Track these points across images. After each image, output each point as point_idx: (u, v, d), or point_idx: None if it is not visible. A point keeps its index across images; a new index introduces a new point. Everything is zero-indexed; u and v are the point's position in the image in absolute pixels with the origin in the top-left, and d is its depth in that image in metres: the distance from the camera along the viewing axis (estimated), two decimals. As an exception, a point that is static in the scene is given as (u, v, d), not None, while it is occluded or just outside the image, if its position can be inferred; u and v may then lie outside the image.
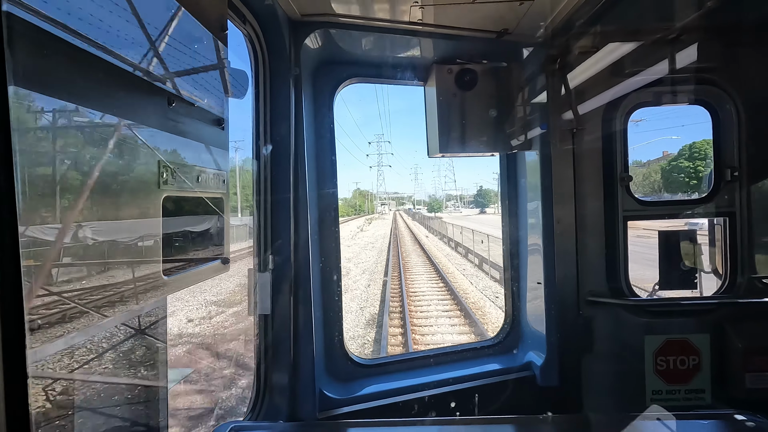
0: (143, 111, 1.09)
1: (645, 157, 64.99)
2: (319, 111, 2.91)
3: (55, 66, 0.85)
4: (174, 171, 1.15)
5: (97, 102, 0.95)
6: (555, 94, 2.93)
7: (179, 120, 1.21)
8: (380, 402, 2.78)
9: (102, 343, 1.00)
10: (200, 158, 1.33)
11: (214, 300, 15.95)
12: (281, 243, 2.52)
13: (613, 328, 3.03)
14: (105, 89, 0.97)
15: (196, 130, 1.32)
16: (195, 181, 1.27)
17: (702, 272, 3.17)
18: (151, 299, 1.08)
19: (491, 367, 3.12)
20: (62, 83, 0.87)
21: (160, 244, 1.10)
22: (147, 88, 1.11)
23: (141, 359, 1.14)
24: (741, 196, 3.03)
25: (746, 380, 2.84)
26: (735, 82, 2.98)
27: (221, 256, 1.44)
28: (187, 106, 1.26)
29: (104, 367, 1.02)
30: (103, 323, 0.96)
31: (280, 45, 2.44)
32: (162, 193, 1.11)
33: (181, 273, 1.21)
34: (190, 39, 1.26)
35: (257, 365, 2.49)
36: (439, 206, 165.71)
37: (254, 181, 2.47)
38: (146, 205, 1.06)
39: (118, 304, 0.97)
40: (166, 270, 1.13)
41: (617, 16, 2.67)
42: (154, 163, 1.09)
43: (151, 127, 1.10)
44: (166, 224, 1.13)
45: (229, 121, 1.49)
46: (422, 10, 2.50)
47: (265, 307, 2.44)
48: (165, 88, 1.16)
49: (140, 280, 1.04)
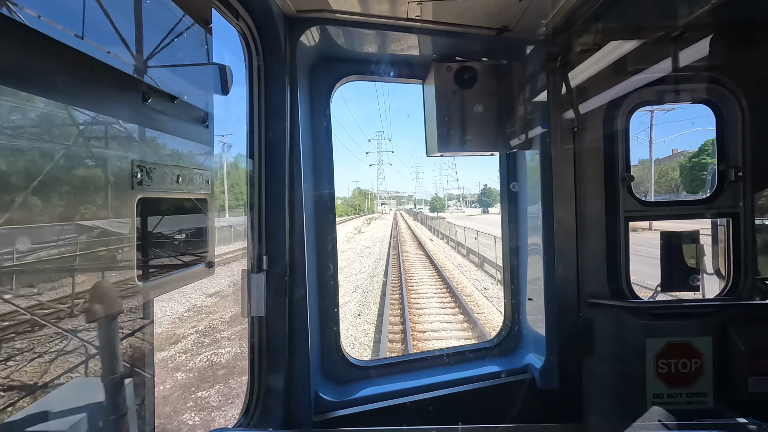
0: (115, 107, 1.03)
1: (653, 155, 64.47)
2: (315, 109, 2.87)
3: (20, 56, 0.79)
4: (150, 171, 1.10)
5: (61, 95, 0.89)
6: (556, 92, 2.88)
7: (156, 117, 1.16)
8: (377, 404, 2.75)
9: (71, 352, 0.95)
10: (181, 157, 1.27)
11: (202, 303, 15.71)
12: (276, 243, 2.48)
13: (613, 330, 2.99)
14: (71, 81, 0.92)
15: (177, 127, 1.27)
16: (175, 182, 1.22)
17: (704, 274, 3.12)
18: (124, 305, 1.03)
19: (490, 370, 3.08)
20: (20, 72, 0.81)
21: (134, 248, 1.06)
22: (120, 81, 1.05)
23: (122, 367, 1.10)
24: (745, 197, 2.98)
25: (749, 384, 2.80)
26: (740, 80, 2.93)
27: (205, 260, 1.40)
28: (166, 102, 1.21)
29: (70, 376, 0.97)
30: (69, 331, 0.92)
31: (275, 41, 2.39)
32: (136, 194, 1.06)
33: (159, 278, 1.16)
34: (171, 31, 1.21)
35: (251, 368, 2.45)
36: (441, 205, 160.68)
37: (248, 180, 2.43)
38: (118, 207, 1.00)
39: (82, 312, 0.93)
40: (141, 275, 1.08)
41: (619, 13, 2.62)
42: (126, 162, 1.04)
43: (125, 124, 1.05)
44: (142, 227, 1.09)
45: (214, 118, 1.44)
46: (421, 6, 2.45)
47: (259, 309, 2.40)
48: (141, 82, 1.11)
49: (109, 287, 1.00)
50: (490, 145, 2.98)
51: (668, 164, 62.56)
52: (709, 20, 2.70)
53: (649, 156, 44.60)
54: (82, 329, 0.96)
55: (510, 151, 3.17)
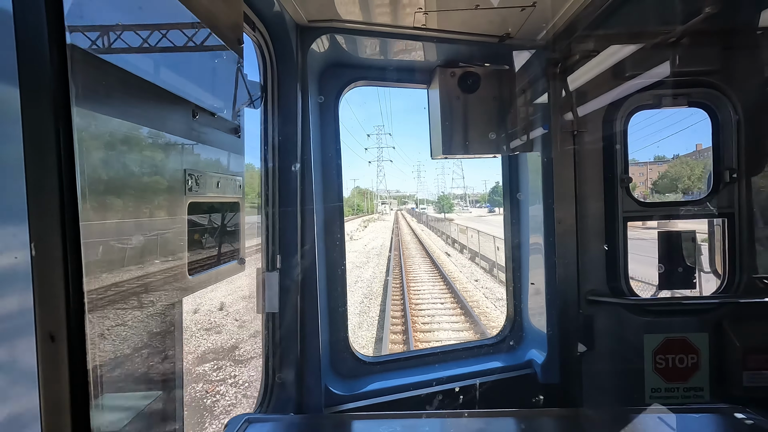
0: (172, 123, 1.17)
1: (668, 152, 62.67)
2: (324, 113, 2.98)
3: (104, 86, 0.94)
4: (198, 178, 1.23)
5: (136, 116, 1.04)
6: (556, 96, 2.98)
7: (202, 130, 1.29)
8: (384, 398, 2.85)
9: (131, 336, 1.07)
10: (219, 165, 1.40)
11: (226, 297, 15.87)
12: (289, 242, 2.59)
13: (613, 326, 3.08)
14: (140, 104, 1.06)
15: (216, 138, 1.40)
16: (215, 187, 1.34)
17: (701, 272, 3.21)
18: (177, 297, 1.15)
19: (493, 365, 3.18)
20: (108, 100, 0.95)
21: (186, 247, 1.18)
22: (174, 102, 1.19)
23: (160, 352, 1.21)
24: (740, 197, 3.07)
25: (744, 378, 2.89)
26: (733, 84, 3.02)
27: (238, 257, 1.52)
28: (209, 117, 1.33)
29: (127, 357, 1.09)
30: (135, 316, 1.04)
31: (288, 50, 2.50)
32: (188, 199, 1.19)
33: (203, 273, 1.28)
34: (210, 53, 1.33)
35: (265, 361, 2.56)
36: (450, 205, 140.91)
37: (263, 184, 2.54)
38: (174, 211, 1.13)
39: (148, 300, 1.05)
40: (191, 270, 1.20)
41: (619, 20, 2.71)
42: (180, 171, 1.17)
43: (179, 138, 1.18)
44: (191, 228, 1.21)
45: (244, 129, 1.57)
46: (426, 15, 2.55)
47: (273, 306, 2.51)
48: (189, 101, 1.24)
49: (169, 279, 1.12)
50: (492, 147, 3.08)
51: (694, 162, 61.71)
52: (705, 27, 2.79)
53: (674, 153, 43.87)
54: (141, 315, 1.09)
55: (512, 153, 3.27)
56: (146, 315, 1.09)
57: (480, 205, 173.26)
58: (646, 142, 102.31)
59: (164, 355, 1.21)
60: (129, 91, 1.01)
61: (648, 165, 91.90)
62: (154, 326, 1.12)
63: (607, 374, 3.07)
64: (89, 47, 0.89)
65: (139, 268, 1.03)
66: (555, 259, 3.00)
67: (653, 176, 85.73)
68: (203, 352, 10.82)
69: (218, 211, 1.42)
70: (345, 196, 17.36)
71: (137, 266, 1.03)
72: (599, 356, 3.05)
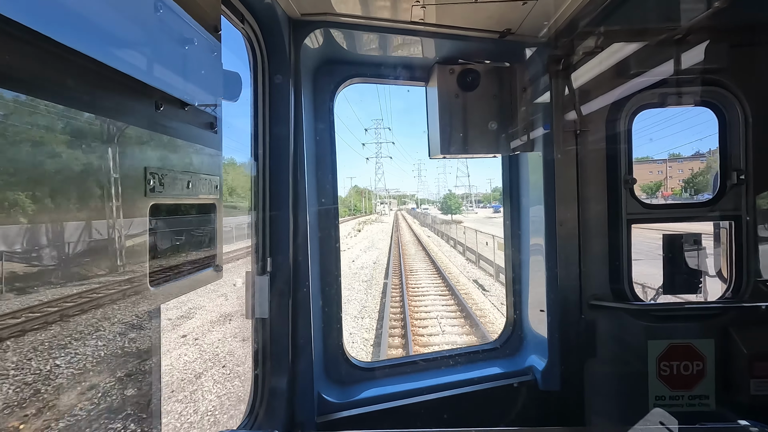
0: (130, 114, 1.05)
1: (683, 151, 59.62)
2: (319, 111, 2.88)
3: (37, 64, 0.81)
4: (162, 178, 1.11)
5: (80, 104, 0.91)
6: (558, 94, 2.89)
7: (168, 124, 1.18)
8: (380, 406, 2.76)
9: (86, 354, 0.97)
10: (191, 163, 1.29)
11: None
12: (280, 245, 2.49)
13: (615, 332, 2.99)
14: (88, 90, 0.94)
15: (186, 133, 1.29)
16: (185, 187, 1.23)
17: (707, 276, 3.12)
18: (137, 310, 1.05)
19: (492, 371, 3.09)
20: (41, 82, 0.83)
21: (147, 254, 1.07)
22: (135, 89, 1.07)
23: (131, 368, 1.11)
24: (747, 200, 2.98)
25: (751, 386, 2.80)
26: (742, 83, 2.93)
27: (214, 264, 1.41)
28: (177, 109, 1.22)
29: (90, 379, 0.99)
30: (84, 334, 0.93)
31: (280, 45, 2.41)
32: (149, 201, 1.08)
33: (170, 283, 1.18)
34: (181, 39, 1.23)
35: (255, 369, 2.46)
36: (457, 205, 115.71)
37: (252, 184, 2.44)
38: (132, 214, 1.02)
39: (98, 316, 0.94)
40: (153, 280, 1.10)
41: (622, 16, 2.62)
42: (140, 170, 1.06)
43: (138, 131, 1.07)
44: (154, 234, 1.10)
45: (222, 123, 1.45)
46: (424, 9, 2.46)
47: (263, 311, 2.41)
48: (155, 89, 1.13)
49: (124, 291, 1.01)
50: (492, 147, 2.99)
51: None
52: (711, 23, 2.71)
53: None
54: (94, 331, 0.98)
55: (512, 153, 3.18)
56: (92, 336, 0.98)
57: (483, 205, 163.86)
58: (659, 140, 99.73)
59: (136, 370, 1.11)
60: (69, 72, 0.88)
61: (667, 163, 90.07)
62: (99, 347, 1.01)
63: (609, 381, 2.98)
64: (13, 14, 0.75)
65: (86, 278, 0.92)
66: (556, 262, 2.91)
67: (673, 173, 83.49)
68: (185, 361, 10.48)
69: (190, 213, 1.31)
70: (342, 196, 16.35)
71: (83, 277, 0.92)
72: (601, 362, 2.96)
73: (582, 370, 2.96)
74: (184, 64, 1.26)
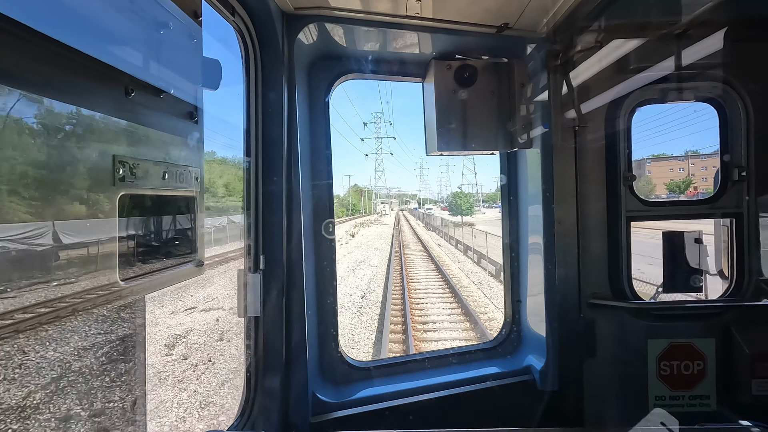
0: (95, 99, 1.01)
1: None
2: (313, 107, 2.84)
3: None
4: (133, 167, 1.07)
5: (38, 87, 0.87)
6: (557, 90, 2.85)
7: (141, 111, 1.13)
8: (376, 406, 2.72)
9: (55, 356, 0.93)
10: (168, 153, 1.25)
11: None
12: (273, 242, 2.45)
13: (615, 331, 2.95)
14: (48, 72, 0.89)
15: (163, 122, 1.24)
16: (161, 178, 1.19)
17: (707, 274, 3.08)
18: (108, 305, 1.01)
19: (490, 371, 3.05)
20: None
21: (116, 246, 1.03)
22: (102, 72, 1.02)
23: (109, 368, 1.07)
24: (749, 197, 2.94)
25: (753, 386, 2.76)
26: (744, 79, 2.89)
27: (195, 260, 1.37)
28: (152, 96, 1.18)
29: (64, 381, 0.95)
30: (53, 334, 0.89)
31: (273, 39, 2.36)
32: (118, 190, 1.04)
33: (144, 278, 1.13)
34: (158, 23, 1.18)
35: (247, 369, 2.42)
36: (469, 206, 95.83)
37: (245, 179, 2.40)
38: (98, 203, 0.98)
39: (64, 313, 0.90)
40: (124, 276, 1.05)
41: (622, 10, 2.59)
42: (107, 157, 1.01)
43: (106, 117, 1.02)
44: (125, 225, 1.06)
45: (203, 114, 1.41)
46: (420, 3, 2.42)
47: (255, 309, 2.37)
48: (124, 75, 1.08)
49: (91, 285, 0.97)
50: (490, 144, 2.95)
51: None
52: (712, 18, 2.67)
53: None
54: (62, 331, 0.93)
55: (510, 150, 3.14)
56: (72, 324, 0.94)
57: (488, 205, 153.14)
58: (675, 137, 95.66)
59: (116, 369, 1.07)
60: (27, 52, 0.83)
61: (690, 159, 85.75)
62: (87, 338, 0.97)
63: (608, 381, 2.94)
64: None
65: (44, 274, 0.88)
66: (555, 260, 2.87)
67: (695, 171, 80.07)
68: (175, 359, 10.39)
69: (167, 206, 1.27)
70: (340, 195, 15.92)
71: (41, 273, 0.87)
72: (601, 362, 2.92)
73: (581, 369, 2.92)
74: (158, 50, 1.21)
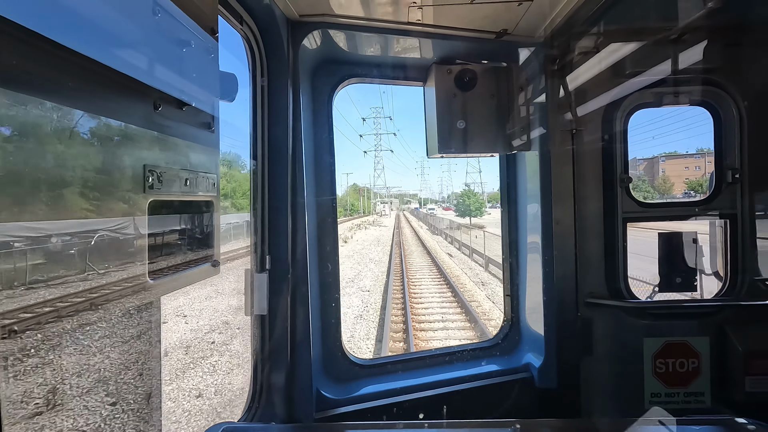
0: (128, 114, 1.09)
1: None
2: (317, 111, 2.91)
3: (36, 65, 0.84)
4: (161, 175, 1.15)
5: (80, 103, 0.95)
6: (555, 94, 2.92)
7: (166, 123, 1.22)
8: (378, 402, 2.78)
9: (86, 347, 1.00)
10: (189, 161, 1.33)
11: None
12: (279, 243, 2.52)
13: (612, 329, 3.02)
14: (88, 90, 0.97)
15: (184, 132, 1.32)
16: (183, 185, 1.27)
17: (702, 274, 3.15)
18: (137, 302, 1.08)
19: (489, 369, 3.12)
20: (43, 83, 0.86)
21: (146, 248, 1.11)
22: (134, 88, 1.11)
23: (132, 361, 1.15)
24: (743, 198, 3.01)
25: (746, 384, 2.83)
26: (737, 83, 2.96)
27: (211, 260, 1.45)
28: (175, 109, 1.26)
29: (92, 370, 1.02)
30: (86, 326, 0.97)
31: (278, 45, 2.44)
32: (148, 197, 1.12)
33: (168, 277, 1.21)
34: (179, 40, 1.26)
35: (254, 365, 2.49)
36: (478, 206, 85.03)
37: (251, 182, 2.48)
38: (131, 210, 1.06)
39: (101, 307, 0.98)
40: (152, 274, 1.13)
41: (617, 16, 2.65)
42: (139, 167, 1.09)
43: (138, 130, 1.10)
44: (153, 229, 1.14)
45: (219, 123, 1.49)
46: (421, 10, 2.49)
47: (261, 308, 2.44)
48: (153, 89, 1.16)
49: (125, 283, 1.05)
50: (489, 146, 3.02)
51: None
52: (707, 23, 2.73)
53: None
54: (96, 325, 1.01)
55: (509, 152, 3.21)
56: (100, 324, 1.02)
57: (492, 205, 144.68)
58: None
59: (137, 362, 1.14)
60: (69, 72, 0.91)
61: (706, 157, 79.39)
62: (107, 334, 1.04)
63: (605, 378, 3.01)
64: (12, 15, 0.78)
65: (87, 272, 0.96)
66: (553, 260, 2.94)
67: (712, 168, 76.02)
68: (187, 356, 10.55)
69: (188, 210, 1.35)
70: (338, 194, 14.75)
71: (85, 271, 0.96)
72: (598, 360, 2.99)
73: (578, 367, 2.98)
74: (181, 65, 1.29)
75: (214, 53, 1.44)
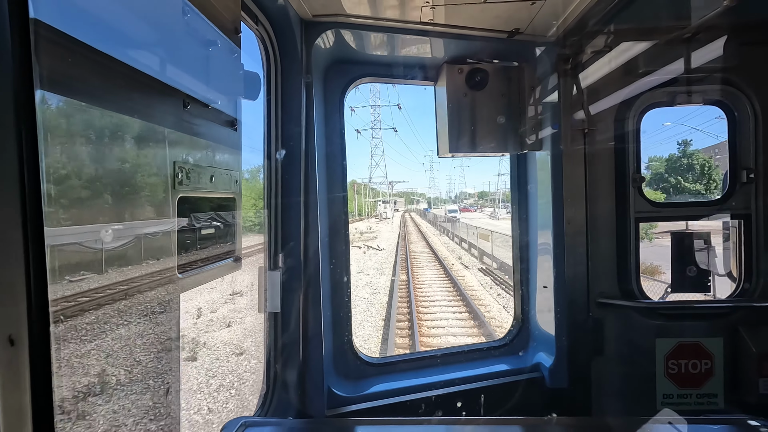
0: (160, 113, 1.13)
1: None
2: (329, 110, 2.93)
3: (77, 69, 0.88)
4: (189, 172, 1.18)
5: (116, 105, 0.99)
6: (567, 94, 2.91)
7: (194, 122, 1.25)
8: (388, 400, 2.80)
9: (118, 339, 1.03)
10: (214, 159, 1.36)
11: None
12: (292, 243, 2.55)
13: (623, 330, 3.00)
14: (123, 92, 1.01)
15: (209, 131, 1.35)
16: (209, 182, 1.30)
17: (716, 275, 3.12)
18: (166, 296, 1.11)
19: (500, 368, 3.12)
20: (83, 86, 0.91)
21: (175, 243, 1.14)
22: (163, 90, 1.14)
23: (155, 352, 1.18)
24: (757, 198, 2.98)
25: (760, 385, 2.80)
26: (752, 82, 2.93)
27: (233, 255, 1.48)
28: (202, 108, 1.29)
29: (119, 360, 1.05)
30: (118, 321, 1.00)
31: (292, 45, 2.46)
32: (177, 193, 1.15)
33: (195, 271, 1.24)
34: (205, 41, 1.29)
35: (267, 362, 2.52)
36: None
37: (265, 181, 2.50)
38: (162, 205, 1.09)
39: (133, 301, 1.01)
40: (180, 268, 1.16)
41: (631, 15, 2.63)
42: (169, 164, 1.13)
43: (167, 129, 1.14)
44: (180, 224, 1.17)
45: (242, 122, 1.52)
46: (433, 10, 2.50)
47: (274, 305, 2.47)
48: (180, 91, 1.20)
49: (156, 276, 1.08)
50: (500, 146, 3.01)
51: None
52: (721, 22, 2.70)
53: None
54: (129, 317, 1.05)
55: (521, 152, 3.20)
56: (134, 315, 1.05)
57: (506, 205, 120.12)
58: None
59: (154, 357, 1.17)
60: (109, 76, 0.96)
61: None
62: (141, 326, 1.07)
63: (617, 379, 2.99)
64: (58, 24, 0.82)
65: (121, 266, 0.99)
66: (564, 260, 2.93)
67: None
68: (202, 351, 10.75)
69: (212, 206, 1.38)
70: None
71: (119, 264, 0.99)
72: (609, 360, 2.98)
73: (589, 367, 2.97)
74: (207, 66, 1.33)
75: (236, 54, 1.47)
